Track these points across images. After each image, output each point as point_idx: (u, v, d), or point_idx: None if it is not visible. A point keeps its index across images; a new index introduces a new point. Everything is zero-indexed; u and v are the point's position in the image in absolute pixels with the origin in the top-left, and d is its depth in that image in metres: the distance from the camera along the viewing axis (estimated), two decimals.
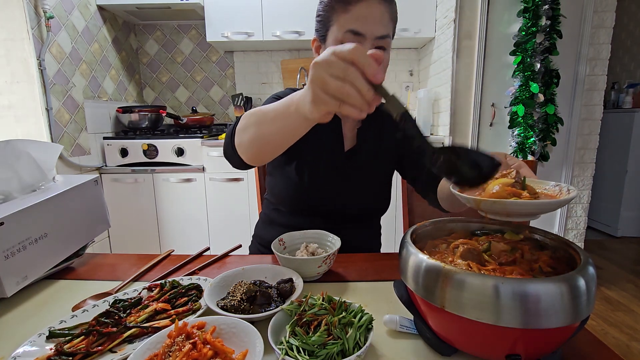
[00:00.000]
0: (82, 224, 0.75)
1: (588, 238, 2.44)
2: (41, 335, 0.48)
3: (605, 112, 2.27)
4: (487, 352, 0.42)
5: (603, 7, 2.01)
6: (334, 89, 0.40)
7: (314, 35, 0.82)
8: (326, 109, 0.43)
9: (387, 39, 0.75)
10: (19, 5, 1.64)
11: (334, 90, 0.40)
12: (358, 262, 0.74)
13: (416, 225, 0.54)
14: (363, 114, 0.41)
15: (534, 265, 0.45)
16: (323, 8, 0.77)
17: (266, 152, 0.61)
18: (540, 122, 1.91)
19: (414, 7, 2.24)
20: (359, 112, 0.41)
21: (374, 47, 0.74)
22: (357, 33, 0.72)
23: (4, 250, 0.56)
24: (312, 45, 0.83)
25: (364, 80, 0.40)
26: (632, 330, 1.77)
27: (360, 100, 0.40)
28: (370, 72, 0.39)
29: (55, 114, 1.85)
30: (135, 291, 0.60)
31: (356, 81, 0.39)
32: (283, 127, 0.54)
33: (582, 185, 2.20)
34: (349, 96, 0.40)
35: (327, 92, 0.41)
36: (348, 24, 0.72)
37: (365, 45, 0.73)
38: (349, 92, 0.40)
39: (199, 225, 2.21)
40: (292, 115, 0.51)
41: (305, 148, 0.84)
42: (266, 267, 0.65)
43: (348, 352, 0.42)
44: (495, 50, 2.03)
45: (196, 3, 2.20)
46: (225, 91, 2.78)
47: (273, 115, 0.55)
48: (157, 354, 0.42)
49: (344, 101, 0.40)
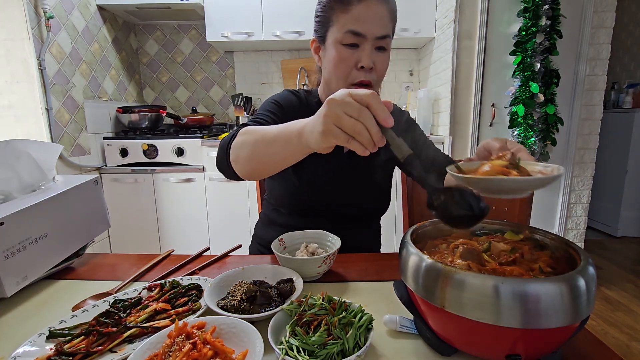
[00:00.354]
0: (82, 224, 0.75)
1: (588, 238, 2.44)
2: (41, 335, 0.48)
3: (605, 112, 2.27)
4: (487, 352, 0.42)
5: (603, 7, 2.01)
6: (347, 125, 0.43)
7: (312, 36, 0.82)
8: (335, 142, 0.46)
9: (387, 39, 0.74)
10: (19, 5, 1.64)
11: (347, 127, 0.43)
12: (358, 262, 0.74)
13: (416, 225, 0.54)
14: (367, 152, 0.44)
15: (534, 265, 0.45)
16: (322, 8, 0.76)
17: (262, 171, 0.62)
18: (540, 122, 1.91)
19: (414, 7, 2.24)
20: (364, 149, 0.44)
21: (375, 48, 0.74)
22: (357, 33, 0.72)
23: (4, 250, 0.56)
24: (311, 46, 0.83)
25: (375, 122, 0.43)
26: (632, 330, 1.77)
27: (368, 139, 0.43)
28: (383, 116, 0.43)
29: (55, 114, 1.85)
30: (135, 291, 0.60)
31: (368, 122, 0.43)
32: (282, 152, 0.56)
33: (582, 185, 2.20)
34: (359, 134, 0.43)
35: (340, 127, 0.44)
36: (348, 24, 0.72)
37: (366, 45, 0.73)
38: (360, 130, 0.43)
39: (199, 225, 2.21)
40: (293, 141, 0.52)
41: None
42: (266, 267, 0.65)
43: (348, 352, 0.42)
44: (495, 50, 2.03)
45: (196, 3, 2.20)
46: (225, 91, 2.78)
47: (272, 138, 0.56)
48: (157, 354, 0.42)
49: (354, 137, 0.44)
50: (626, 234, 2.99)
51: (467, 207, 0.46)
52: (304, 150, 0.52)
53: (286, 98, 0.87)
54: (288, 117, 0.82)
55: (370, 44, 0.73)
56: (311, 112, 0.85)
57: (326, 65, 0.79)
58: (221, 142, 0.68)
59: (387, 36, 0.74)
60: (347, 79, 0.76)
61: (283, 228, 0.87)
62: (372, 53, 0.74)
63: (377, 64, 0.75)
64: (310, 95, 0.91)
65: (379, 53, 0.75)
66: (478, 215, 0.45)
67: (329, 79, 0.80)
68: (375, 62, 0.74)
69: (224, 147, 0.66)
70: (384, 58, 0.76)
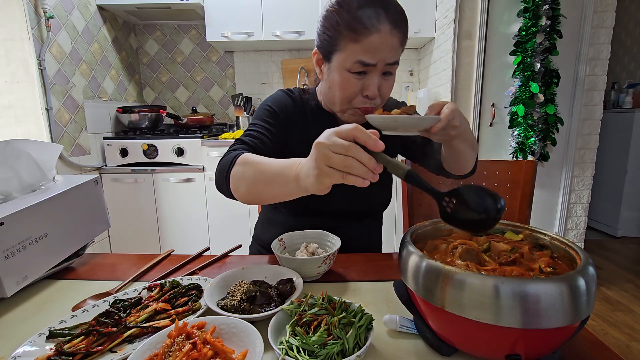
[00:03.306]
0: (82, 224, 0.75)
1: (588, 238, 2.44)
2: (41, 335, 0.48)
3: (605, 112, 2.27)
4: (487, 352, 0.42)
5: (603, 7, 2.01)
6: (337, 163, 0.44)
7: (315, 47, 0.79)
8: (330, 182, 0.46)
9: (395, 66, 0.73)
10: (19, 5, 1.64)
11: (338, 164, 0.44)
12: (358, 262, 0.74)
13: (416, 225, 0.54)
14: (367, 183, 0.44)
15: (533, 265, 0.45)
16: (330, 29, 0.72)
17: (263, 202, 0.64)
18: (540, 122, 1.91)
19: (414, 7, 2.24)
20: (362, 181, 0.44)
21: (381, 74, 0.72)
22: (367, 64, 0.70)
23: (4, 250, 0.56)
24: (313, 56, 0.80)
25: (365, 151, 0.43)
26: (632, 330, 1.77)
27: (363, 170, 0.43)
28: (371, 143, 0.43)
29: (55, 114, 1.85)
30: (135, 291, 0.60)
31: (357, 154, 0.43)
32: (280, 192, 0.57)
33: (582, 185, 2.20)
34: (352, 168, 0.43)
35: (332, 166, 0.44)
36: (358, 54, 0.69)
37: (373, 74, 0.71)
38: (351, 164, 0.43)
39: (199, 225, 2.21)
40: (291, 185, 0.53)
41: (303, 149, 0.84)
42: (266, 267, 0.65)
43: (348, 352, 0.42)
44: (495, 50, 2.03)
45: (196, 3, 2.20)
46: (225, 91, 2.78)
47: (270, 178, 0.57)
48: (157, 354, 0.42)
49: (348, 173, 0.44)
50: (626, 234, 2.99)
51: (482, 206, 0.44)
52: (303, 192, 0.53)
53: (280, 102, 0.85)
54: (283, 123, 0.82)
55: (377, 73, 0.71)
56: (307, 114, 0.87)
57: (330, 85, 0.77)
58: (219, 167, 0.68)
59: (396, 63, 0.72)
60: (351, 104, 0.75)
61: (283, 227, 0.87)
62: (378, 80, 0.72)
63: (382, 88, 0.74)
64: (306, 95, 0.89)
65: (385, 78, 0.73)
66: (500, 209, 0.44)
67: (332, 99, 0.78)
68: (380, 87, 0.73)
69: (223, 174, 0.66)
70: (390, 82, 0.75)
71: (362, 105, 0.74)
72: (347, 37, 0.70)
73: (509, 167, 1.13)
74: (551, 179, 2.19)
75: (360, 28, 0.68)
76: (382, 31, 0.68)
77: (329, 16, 0.72)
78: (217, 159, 2.12)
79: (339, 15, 0.70)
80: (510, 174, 1.12)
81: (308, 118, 0.86)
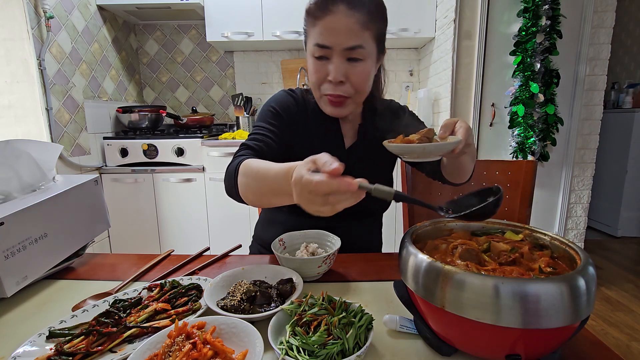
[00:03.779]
0: (82, 224, 0.75)
1: (588, 238, 2.44)
2: (41, 335, 0.48)
3: (605, 112, 2.27)
4: (487, 352, 0.42)
5: (603, 7, 2.01)
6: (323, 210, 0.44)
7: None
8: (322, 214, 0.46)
9: (359, 50, 0.71)
10: (19, 5, 1.64)
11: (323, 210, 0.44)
12: (358, 262, 0.74)
13: (416, 225, 0.54)
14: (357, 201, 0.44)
15: (533, 265, 0.45)
16: (304, 20, 0.78)
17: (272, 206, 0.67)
18: (540, 122, 1.91)
19: (414, 7, 2.24)
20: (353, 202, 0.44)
21: (346, 59, 0.72)
22: (322, 46, 0.71)
23: (4, 250, 0.56)
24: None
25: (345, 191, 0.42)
26: (632, 330, 1.77)
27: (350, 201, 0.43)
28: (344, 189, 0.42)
29: (55, 114, 1.85)
30: (135, 291, 0.60)
31: (338, 204, 0.43)
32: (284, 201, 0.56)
33: (582, 185, 2.20)
34: (338, 205, 0.43)
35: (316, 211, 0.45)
36: (316, 37, 0.72)
37: (333, 57, 0.72)
38: (335, 205, 0.43)
39: (199, 225, 2.20)
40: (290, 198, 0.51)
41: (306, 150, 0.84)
42: (266, 267, 0.65)
43: (348, 352, 0.42)
44: (495, 50, 2.03)
45: (196, 3, 2.20)
46: (225, 91, 2.78)
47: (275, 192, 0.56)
48: (157, 354, 0.42)
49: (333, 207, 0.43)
50: (626, 234, 2.99)
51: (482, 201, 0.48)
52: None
53: (283, 102, 0.86)
54: (287, 124, 0.83)
55: (338, 56, 0.71)
56: (309, 114, 0.88)
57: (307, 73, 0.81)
58: (227, 175, 0.69)
59: (359, 47, 0.71)
60: (320, 90, 0.77)
61: (284, 227, 0.87)
62: (343, 65, 0.72)
63: (351, 75, 0.73)
64: (308, 95, 0.90)
65: (352, 64, 0.72)
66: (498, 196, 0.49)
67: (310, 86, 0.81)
68: (348, 74, 0.73)
69: (231, 183, 0.66)
70: (360, 69, 0.73)
71: (331, 92, 0.75)
72: (309, 23, 0.73)
73: (509, 167, 1.13)
74: (551, 179, 2.19)
75: (315, 11, 0.71)
76: (335, 12, 0.69)
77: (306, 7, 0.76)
78: (217, 158, 2.12)
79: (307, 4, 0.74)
80: (510, 174, 1.12)
81: (310, 118, 0.86)
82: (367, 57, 0.73)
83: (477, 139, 2.13)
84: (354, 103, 0.78)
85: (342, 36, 0.70)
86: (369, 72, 0.76)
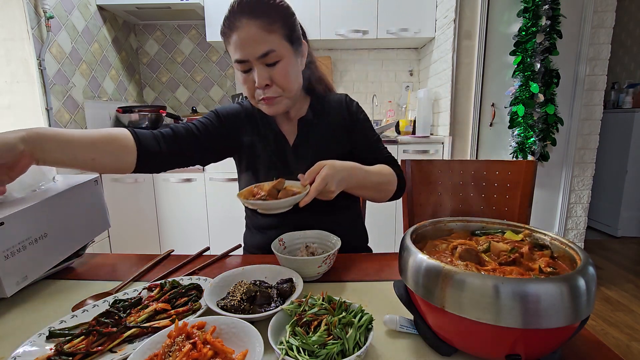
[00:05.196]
0: (82, 224, 0.75)
1: (588, 238, 2.44)
2: (41, 335, 0.48)
3: (605, 112, 2.27)
4: (487, 352, 0.42)
5: (603, 7, 2.01)
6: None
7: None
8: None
9: (271, 54, 0.74)
10: (19, 5, 1.64)
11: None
12: (358, 262, 0.74)
13: (416, 225, 0.54)
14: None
15: (533, 265, 0.45)
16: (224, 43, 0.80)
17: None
18: (540, 122, 1.91)
19: (414, 7, 2.24)
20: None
21: (265, 65, 0.75)
22: (240, 61, 0.74)
23: (4, 250, 0.56)
24: None
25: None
26: (632, 330, 1.77)
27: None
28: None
29: (55, 114, 1.85)
30: (135, 291, 0.60)
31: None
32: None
33: (582, 185, 2.20)
34: None
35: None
36: (233, 54, 0.76)
37: (254, 67, 0.75)
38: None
39: (199, 225, 2.20)
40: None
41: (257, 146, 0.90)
42: (266, 267, 0.65)
43: (348, 352, 0.42)
44: (495, 50, 2.03)
45: (196, 3, 2.20)
46: (225, 91, 2.78)
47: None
48: (157, 354, 0.42)
49: None
50: (626, 234, 2.99)
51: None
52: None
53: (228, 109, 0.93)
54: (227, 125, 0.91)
55: (257, 64, 0.74)
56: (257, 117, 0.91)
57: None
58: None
59: (270, 51, 0.73)
60: (254, 98, 0.80)
61: (261, 229, 0.93)
62: (264, 71, 0.75)
63: (274, 77, 0.76)
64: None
65: (272, 67, 0.76)
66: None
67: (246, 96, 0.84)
68: (271, 77, 0.76)
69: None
70: (280, 69, 0.76)
71: (263, 96, 0.78)
72: (225, 42, 0.77)
73: (509, 167, 1.13)
74: (551, 179, 2.19)
75: (225, 30, 0.75)
76: (239, 27, 0.72)
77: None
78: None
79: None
80: (510, 174, 1.12)
81: (258, 120, 0.92)
82: (282, 57, 0.76)
83: (477, 139, 2.13)
84: (286, 99, 0.81)
85: (251, 47, 0.73)
86: (290, 70, 0.78)
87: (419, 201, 1.21)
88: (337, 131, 0.91)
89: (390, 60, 2.72)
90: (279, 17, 0.75)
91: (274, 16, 0.74)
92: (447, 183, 1.20)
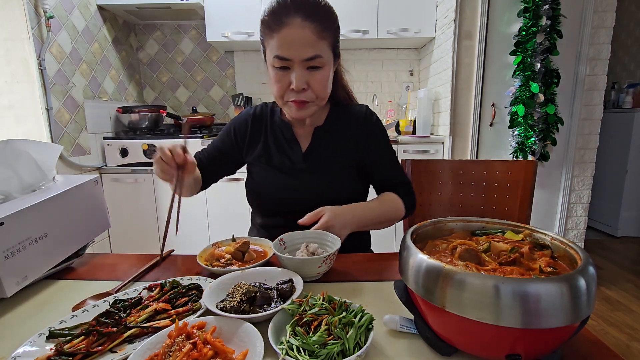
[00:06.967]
0: (82, 224, 0.75)
1: (588, 238, 2.43)
2: (41, 335, 0.48)
3: (605, 112, 2.27)
4: (487, 352, 0.42)
5: (603, 7, 2.01)
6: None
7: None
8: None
9: (317, 59, 0.74)
10: (19, 5, 1.64)
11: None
12: (358, 262, 0.74)
13: (416, 225, 0.54)
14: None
15: (534, 265, 0.45)
16: (260, 31, 0.80)
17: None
18: (540, 122, 1.91)
19: (414, 7, 2.24)
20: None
21: (306, 68, 0.75)
22: (283, 58, 0.74)
23: (4, 250, 0.56)
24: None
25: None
26: (632, 330, 1.77)
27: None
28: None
29: (55, 114, 1.85)
30: (136, 291, 0.60)
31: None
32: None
33: (582, 185, 2.20)
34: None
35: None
36: (275, 49, 0.74)
37: (295, 68, 0.75)
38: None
39: (199, 225, 2.21)
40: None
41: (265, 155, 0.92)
42: (266, 267, 0.65)
43: (348, 352, 0.41)
44: (495, 50, 2.03)
45: (196, 3, 2.20)
46: (225, 91, 2.78)
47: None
48: (157, 354, 0.42)
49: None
50: (626, 234, 2.99)
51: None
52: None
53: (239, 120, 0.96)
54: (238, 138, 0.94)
55: (299, 66, 0.74)
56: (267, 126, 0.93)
57: (269, 82, 0.83)
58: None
59: (317, 56, 0.74)
60: (284, 98, 0.80)
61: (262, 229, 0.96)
62: (304, 74, 0.75)
63: (312, 82, 0.76)
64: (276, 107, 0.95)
65: (312, 72, 0.76)
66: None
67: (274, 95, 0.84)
68: (309, 81, 0.76)
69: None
70: (320, 76, 0.77)
71: (294, 98, 0.78)
72: (266, 35, 0.76)
73: (509, 167, 1.13)
74: (551, 179, 2.19)
75: (271, 22, 0.73)
76: (291, 25, 0.71)
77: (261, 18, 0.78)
78: None
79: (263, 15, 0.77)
80: (510, 174, 1.12)
81: (268, 130, 0.93)
82: (325, 64, 0.77)
83: (478, 139, 2.13)
84: (316, 105, 0.82)
85: (300, 48, 0.72)
86: (328, 78, 0.79)
87: (419, 201, 1.21)
88: (350, 142, 0.91)
89: (390, 60, 2.72)
90: (332, 26, 0.76)
91: (328, 23, 0.75)
92: (447, 183, 1.20)
